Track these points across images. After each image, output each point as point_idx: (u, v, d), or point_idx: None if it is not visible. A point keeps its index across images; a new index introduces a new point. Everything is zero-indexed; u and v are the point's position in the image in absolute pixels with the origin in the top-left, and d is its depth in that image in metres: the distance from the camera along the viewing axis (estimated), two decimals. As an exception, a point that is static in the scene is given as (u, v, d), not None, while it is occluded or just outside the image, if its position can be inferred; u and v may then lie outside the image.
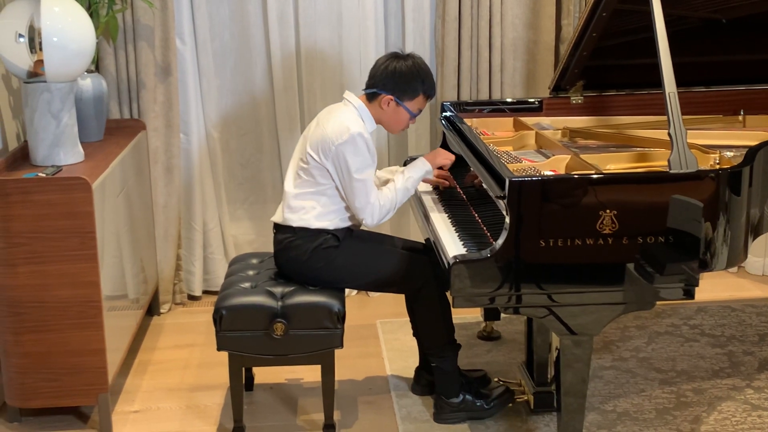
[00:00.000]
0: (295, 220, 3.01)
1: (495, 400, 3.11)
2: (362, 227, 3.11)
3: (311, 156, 2.96)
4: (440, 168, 3.24)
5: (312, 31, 4.07)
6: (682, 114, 2.66)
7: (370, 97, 3.03)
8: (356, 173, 2.92)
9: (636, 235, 2.53)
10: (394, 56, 3.03)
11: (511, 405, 3.14)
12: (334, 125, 2.94)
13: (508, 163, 2.92)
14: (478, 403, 3.09)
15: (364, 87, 3.07)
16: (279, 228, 3.06)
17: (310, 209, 2.99)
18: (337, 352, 2.96)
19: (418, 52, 4.10)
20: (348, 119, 2.96)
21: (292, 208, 3.01)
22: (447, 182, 3.28)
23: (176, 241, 4.10)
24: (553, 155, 3.05)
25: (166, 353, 3.74)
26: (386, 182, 3.22)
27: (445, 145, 3.55)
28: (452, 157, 3.17)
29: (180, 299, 4.21)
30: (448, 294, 2.62)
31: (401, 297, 3.19)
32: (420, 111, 3.07)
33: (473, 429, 3.06)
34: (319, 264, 2.99)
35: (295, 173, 3.03)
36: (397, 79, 2.98)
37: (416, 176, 3.09)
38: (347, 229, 3.05)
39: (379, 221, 3.01)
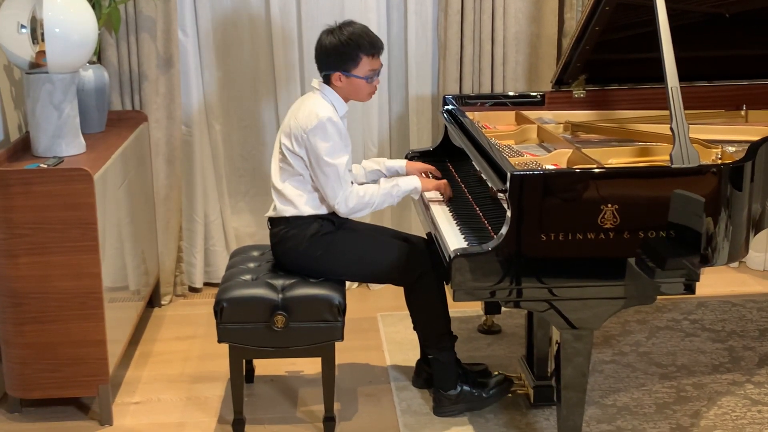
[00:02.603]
0: (288, 210, 3.02)
1: (493, 388, 3.11)
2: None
3: (286, 146, 2.99)
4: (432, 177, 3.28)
5: (314, 23, 4.06)
6: (685, 109, 2.66)
7: (326, 80, 3.05)
8: (327, 157, 2.92)
9: (637, 229, 2.53)
10: (326, 33, 3.03)
11: (510, 395, 3.14)
12: (304, 113, 2.97)
13: (509, 156, 2.92)
14: (476, 393, 3.09)
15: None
16: (273, 222, 3.08)
17: (298, 197, 3.00)
18: (338, 344, 2.96)
19: (421, 45, 4.15)
20: (316, 105, 2.98)
21: (281, 199, 3.03)
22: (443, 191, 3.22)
23: (177, 233, 4.10)
24: (555, 149, 3.05)
25: (166, 345, 3.74)
26: (372, 172, 3.27)
27: (446, 139, 3.55)
28: (444, 186, 3.13)
29: (181, 291, 4.22)
30: (447, 287, 2.63)
31: (402, 290, 3.19)
32: (374, 71, 3.03)
33: (473, 422, 3.06)
34: (317, 252, 3.00)
35: (278, 166, 3.05)
36: (334, 54, 2.99)
37: (403, 188, 3.06)
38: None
39: (352, 211, 2.98)
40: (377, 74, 3.06)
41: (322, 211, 3.02)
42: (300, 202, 3.01)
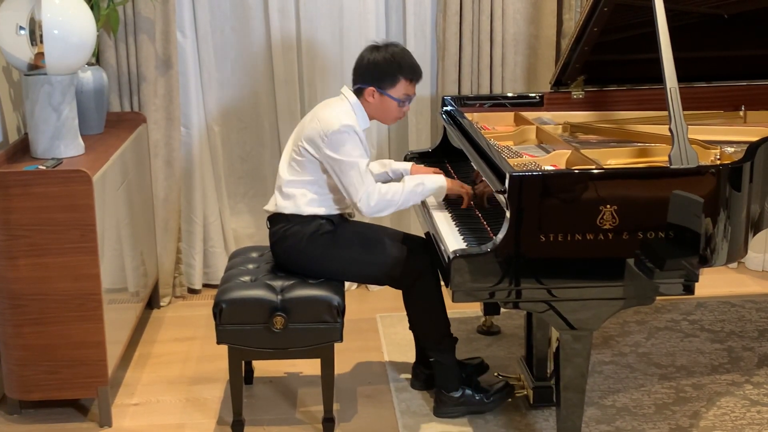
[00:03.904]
0: (288, 207, 3.02)
1: (495, 394, 3.11)
2: (356, 218, 3.10)
3: (305, 149, 2.98)
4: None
5: (313, 24, 4.07)
6: (683, 109, 2.66)
7: (358, 93, 3.04)
8: (347, 157, 2.90)
9: (636, 230, 2.53)
10: (371, 49, 3.03)
11: (510, 400, 3.15)
12: (328, 118, 2.96)
13: (508, 157, 2.92)
14: (477, 397, 3.09)
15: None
16: (273, 219, 3.08)
17: (301, 196, 3.00)
18: (337, 345, 2.96)
19: (419, 47, 4.15)
20: (341, 113, 2.97)
21: (284, 195, 3.03)
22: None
23: (176, 234, 4.10)
24: (554, 150, 3.05)
25: (165, 346, 3.74)
26: (379, 175, 3.25)
27: (445, 140, 3.55)
28: (467, 192, 3.05)
29: (180, 292, 4.22)
30: (447, 288, 2.62)
31: (400, 291, 3.19)
32: (408, 96, 3.04)
33: (473, 423, 3.06)
34: (317, 252, 3.00)
35: (289, 162, 3.04)
36: (374, 70, 2.99)
37: (428, 187, 3.01)
38: (340, 216, 3.06)
39: (375, 209, 2.94)
40: (409, 101, 3.06)
41: (322, 212, 3.02)
42: (302, 202, 3.01)
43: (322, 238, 3.01)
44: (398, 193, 2.97)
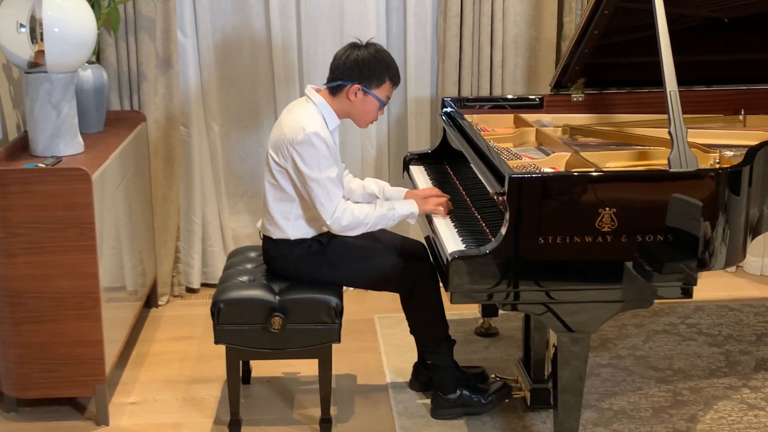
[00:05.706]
0: (275, 233, 2.98)
1: (492, 395, 3.11)
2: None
3: (272, 158, 2.92)
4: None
5: (313, 24, 4.07)
6: (683, 113, 2.66)
7: (334, 90, 2.94)
8: (313, 172, 2.82)
9: (635, 233, 2.53)
10: (354, 46, 2.94)
11: (508, 401, 3.15)
12: (291, 124, 2.87)
13: (508, 159, 2.92)
14: (475, 398, 3.09)
15: (325, 81, 2.98)
16: (264, 236, 3.06)
17: (285, 219, 2.95)
18: (335, 346, 2.96)
19: (420, 48, 4.16)
20: (305, 118, 2.87)
21: (268, 219, 2.99)
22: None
23: (175, 233, 4.10)
24: (554, 152, 3.05)
25: (163, 345, 3.74)
26: (370, 194, 3.18)
27: (445, 142, 3.55)
28: (443, 204, 3.01)
29: (178, 292, 4.21)
30: (445, 290, 2.62)
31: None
32: (388, 99, 2.97)
33: (470, 425, 3.06)
34: (310, 268, 2.98)
35: (268, 179, 2.97)
36: (362, 68, 2.89)
37: (399, 213, 2.96)
38: (329, 233, 3.00)
39: (345, 229, 2.89)
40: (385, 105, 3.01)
41: (310, 234, 2.98)
42: (287, 227, 2.96)
43: (314, 258, 2.98)
44: (370, 215, 2.92)
